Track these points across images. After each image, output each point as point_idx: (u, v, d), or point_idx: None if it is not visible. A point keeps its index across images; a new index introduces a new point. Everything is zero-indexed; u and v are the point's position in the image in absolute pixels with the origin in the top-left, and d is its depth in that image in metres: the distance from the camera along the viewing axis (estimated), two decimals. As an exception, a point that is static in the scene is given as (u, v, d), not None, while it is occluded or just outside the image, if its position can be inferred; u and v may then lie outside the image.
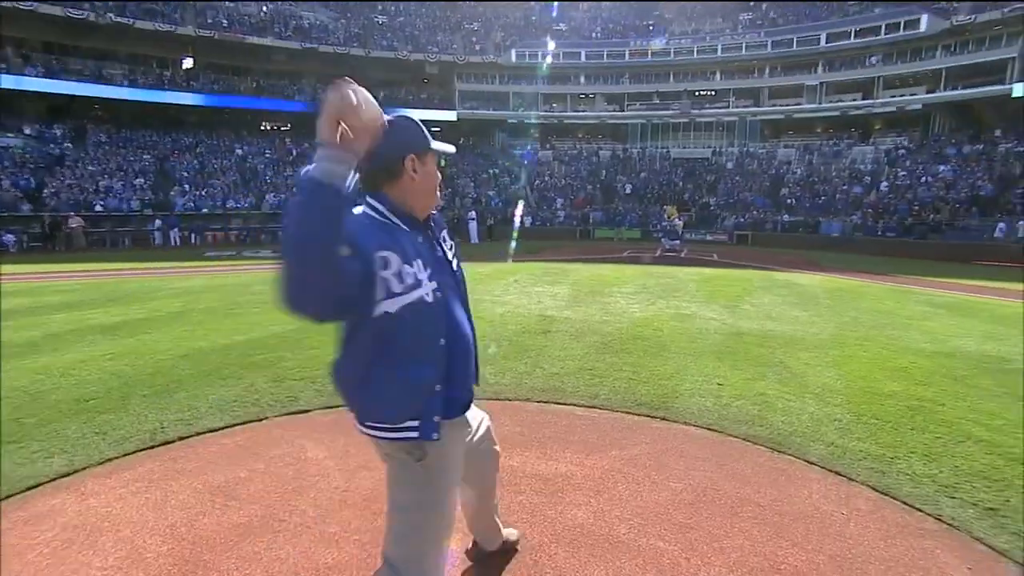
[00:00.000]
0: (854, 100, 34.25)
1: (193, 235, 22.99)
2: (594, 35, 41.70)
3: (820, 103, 34.96)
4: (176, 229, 22.55)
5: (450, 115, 38.32)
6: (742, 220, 27.34)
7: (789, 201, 28.38)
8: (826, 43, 34.60)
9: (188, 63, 31.55)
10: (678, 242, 20.08)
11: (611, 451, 3.16)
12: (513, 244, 20.43)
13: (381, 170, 1.31)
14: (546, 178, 35.19)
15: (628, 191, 32.72)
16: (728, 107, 37.85)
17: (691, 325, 6.48)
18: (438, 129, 40.15)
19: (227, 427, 3.45)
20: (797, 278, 12.18)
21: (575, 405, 3.85)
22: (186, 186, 25.66)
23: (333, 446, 3.20)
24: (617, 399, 3.94)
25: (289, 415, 3.66)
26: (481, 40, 40.60)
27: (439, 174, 1.41)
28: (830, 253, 20.33)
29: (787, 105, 36.16)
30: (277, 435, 3.35)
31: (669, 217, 21.27)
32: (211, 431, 3.38)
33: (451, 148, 1.46)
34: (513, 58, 39.38)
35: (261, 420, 3.56)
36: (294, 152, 32.13)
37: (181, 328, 6.12)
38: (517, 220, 27.14)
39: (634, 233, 27.58)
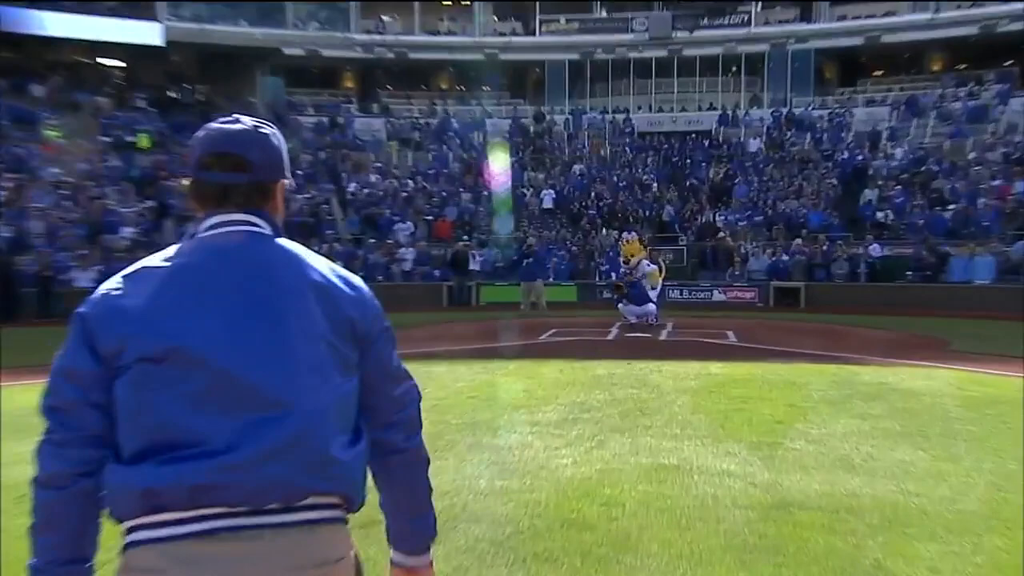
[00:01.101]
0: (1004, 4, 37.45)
1: None
2: None
3: (936, 13, 38.48)
4: None
5: (148, 34, 37.87)
6: (784, 260, 29.11)
7: (880, 216, 30.68)
8: None
9: None
10: (652, 308, 20.76)
11: None
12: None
13: (257, 185, 2.00)
14: (372, 178, 35.54)
15: (548, 203, 34.13)
16: (748, 27, 41.09)
17: (683, 490, 6.57)
18: (123, 65, 39.60)
19: None
20: (903, 378, 12.90)
21: None
22: None
23: None
24: None
25: None
26: None
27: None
28: (971, 322, 21.65)
29: (869, 19, 39.75)
30: None
31: (628, 259, 21.24)
32: None
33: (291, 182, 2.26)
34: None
35: None
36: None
37: None
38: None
39: (565, 293, 28.44)
